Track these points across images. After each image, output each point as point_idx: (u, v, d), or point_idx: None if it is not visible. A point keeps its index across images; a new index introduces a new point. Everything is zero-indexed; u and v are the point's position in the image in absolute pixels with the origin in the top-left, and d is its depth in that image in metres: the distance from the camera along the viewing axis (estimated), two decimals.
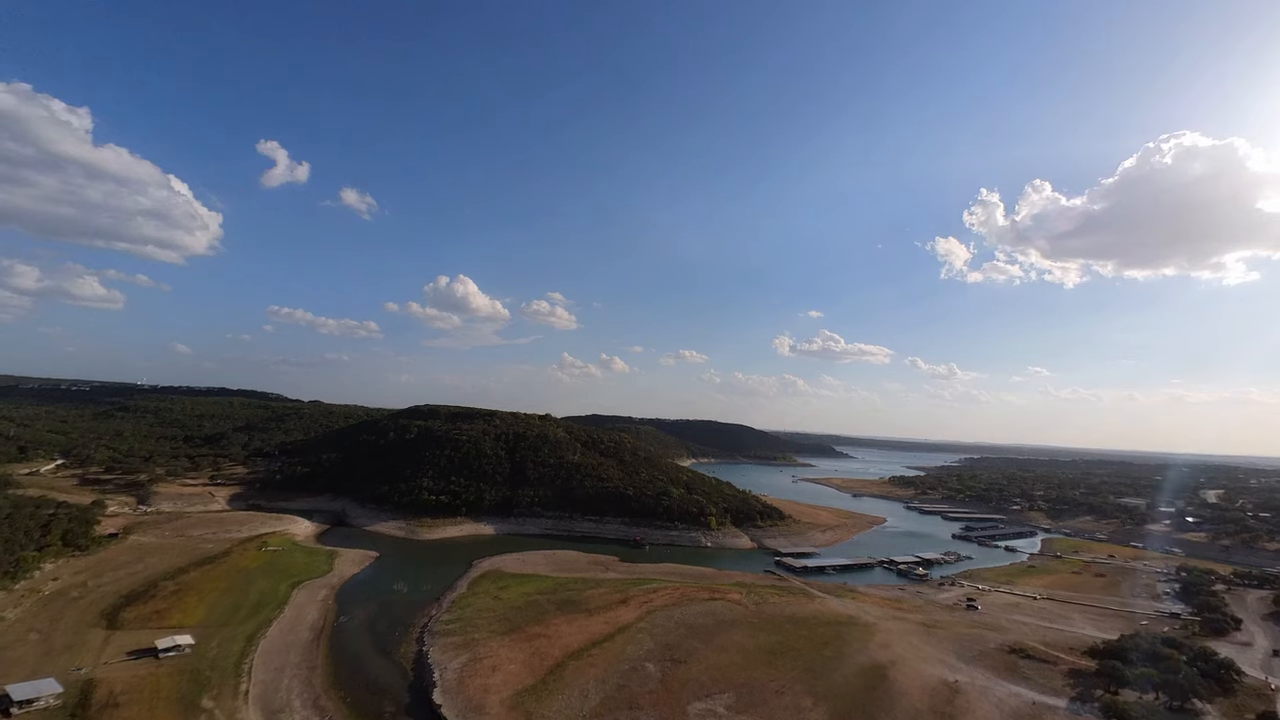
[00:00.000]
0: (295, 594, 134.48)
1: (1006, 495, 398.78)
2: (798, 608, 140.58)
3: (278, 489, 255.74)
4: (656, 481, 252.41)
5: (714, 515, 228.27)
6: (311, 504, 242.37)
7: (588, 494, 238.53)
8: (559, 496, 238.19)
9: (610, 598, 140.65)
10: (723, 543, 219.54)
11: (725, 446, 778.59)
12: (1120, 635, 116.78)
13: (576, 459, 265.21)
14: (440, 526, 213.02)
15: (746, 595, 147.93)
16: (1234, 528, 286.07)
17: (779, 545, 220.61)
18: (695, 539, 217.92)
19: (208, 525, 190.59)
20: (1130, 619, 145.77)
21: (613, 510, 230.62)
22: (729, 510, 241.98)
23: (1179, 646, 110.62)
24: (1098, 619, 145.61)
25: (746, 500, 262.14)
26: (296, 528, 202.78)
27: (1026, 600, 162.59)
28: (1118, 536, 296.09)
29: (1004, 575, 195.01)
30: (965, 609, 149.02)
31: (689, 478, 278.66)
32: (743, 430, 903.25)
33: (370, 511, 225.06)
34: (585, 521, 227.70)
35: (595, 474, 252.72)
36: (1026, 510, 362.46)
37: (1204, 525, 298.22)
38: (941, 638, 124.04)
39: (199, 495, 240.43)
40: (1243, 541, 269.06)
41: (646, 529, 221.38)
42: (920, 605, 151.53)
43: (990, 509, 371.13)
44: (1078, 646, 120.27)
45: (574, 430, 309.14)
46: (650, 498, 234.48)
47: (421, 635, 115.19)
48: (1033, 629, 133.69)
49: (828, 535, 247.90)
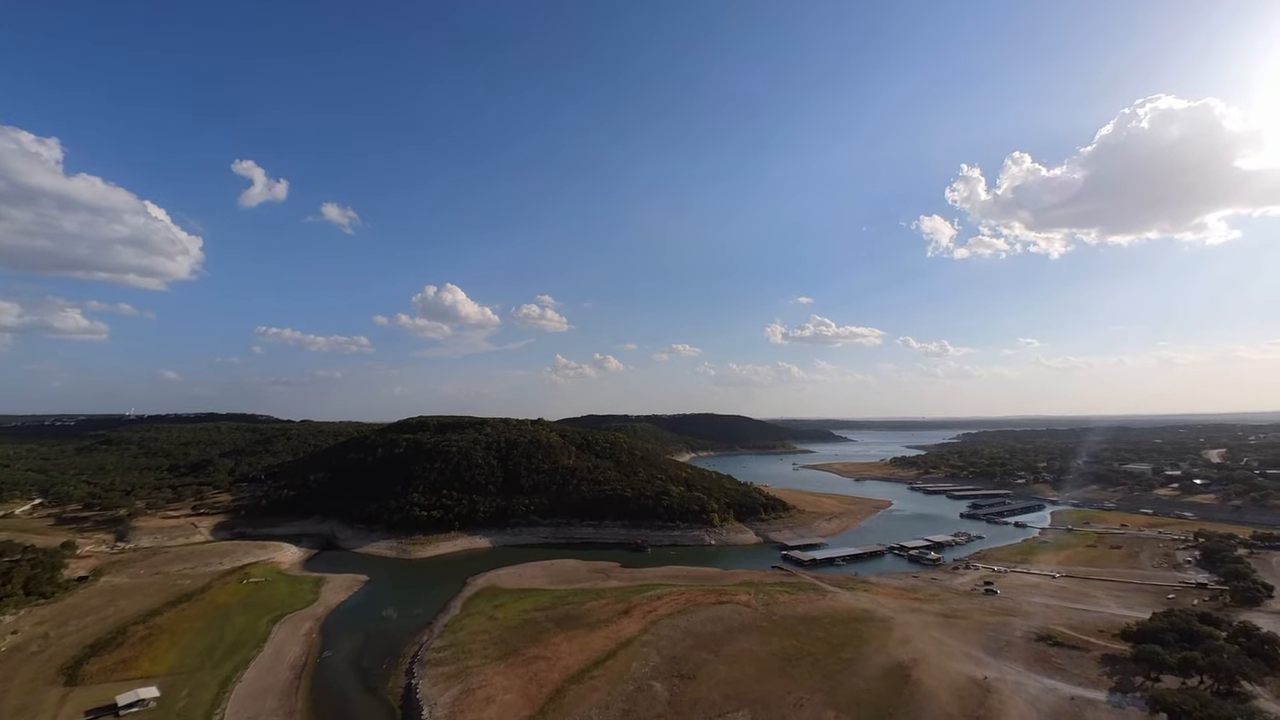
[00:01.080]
0: (276, 629, 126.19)
1: (1010, 469, 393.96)
2: (809, 606, 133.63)
3: (264, 515, 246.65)
4: (655, 481, 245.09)
5: (716, 512, 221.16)
6: (299, 528, 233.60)
7: (585, 499, 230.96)
8: (555, 503, 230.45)
9: (612, 609, 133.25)
10: (727, 539, 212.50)
11: (724, 438, 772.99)
12: (1152, 614, 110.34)
13: (571, 463, 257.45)
14: (433, 543, 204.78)
15: (755, 596, 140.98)
16: (1243, 487, 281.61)
17: (785, 538, 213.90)
18: (698, 538, 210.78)
19: (187, 559, 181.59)
20: (1156, 593, 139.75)
21: (611, 514, 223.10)
22: (731, 505, 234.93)
23: (1216, 623, 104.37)
24: (1122, 595, 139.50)
25: (749, 493, 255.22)
26: (282, 555, 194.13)
27: (1045, 579, 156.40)
28: (1126, 504, 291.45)
29: (1018, 554, 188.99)
30: (984, 594, 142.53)
31: (688, 474, 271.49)
32: (740, 421, 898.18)
33: (359, 532, 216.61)
34: (584, 527, 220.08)
35: (591, 477, 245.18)
36: (1032, 483, 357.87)
37: (1212, 486, 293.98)
38: (963, 628, 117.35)
39: (181, 527, 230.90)
40: (1253, 500, 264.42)
41: (647, 531, 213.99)
42: (936, 593, 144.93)
43: (995, 484, 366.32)
44: (1107, 629, 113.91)
45: (568, 433, 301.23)
46: (650, 498, 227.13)
47: (411, 666, 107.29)
48: (1057, 611, 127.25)
49: (834, 524, 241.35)
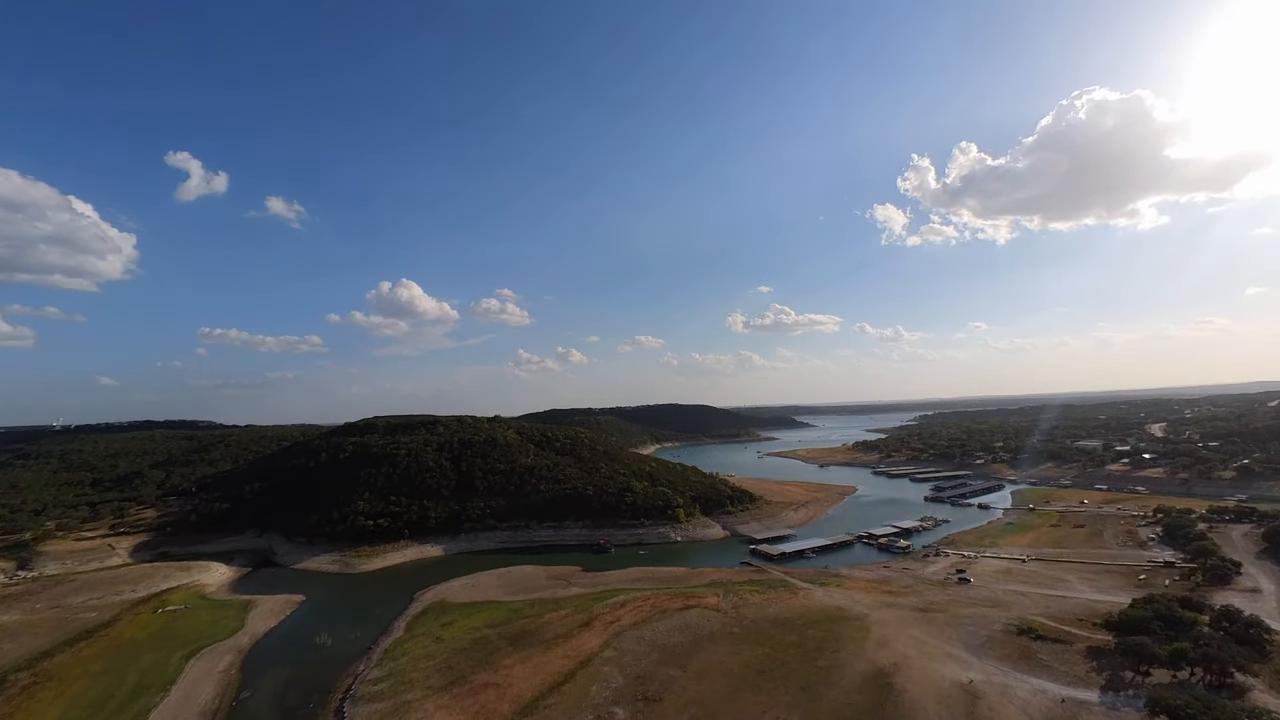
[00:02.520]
0: (189, 667, 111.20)
1: (969, 450, 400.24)
2: (781, 606, 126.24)
3: (193, 531, 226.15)
4: (618, 477, 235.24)
5: (682, 507, 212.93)
6: (232, 544, 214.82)
7: (544, 499, 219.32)
8: (513, 505, 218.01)
9: (571, 621, 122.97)
10: (693, 535, 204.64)
11: (688, 429, 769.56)
12: (1132, 601, 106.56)
13: (530, 461, 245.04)
14: (380, 554, 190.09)
15: (724, 597, 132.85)
16: (1188, 460, 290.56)
17: (753, 531, 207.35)
18: (664, 535, 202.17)
19: (95, 588, 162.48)
20: (1126, 574, 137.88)
21: (573, 514, 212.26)
22: (697, 499, 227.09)
23: (1198, 607, 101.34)
24: (1094, 578, 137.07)
25: (714, 485, 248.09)
26: (209, 576, 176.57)
27: (1015, 564, 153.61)
28: (1081, 480, 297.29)
29: (985, 537, 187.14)
30: (957, 583, 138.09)
31: (652, 468, 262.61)
32: (704, 410, 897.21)
33: (299, 546, 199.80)
34: (543, 530, 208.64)
35: (551, 476, 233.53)
36: (990, 463, 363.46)
37: (1160, 461, 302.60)
38: (941, 624, 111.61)
39: (96, 550, 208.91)
40: (1200, 474, 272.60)
41: (611, 530, 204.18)
42: (910, 584, 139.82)
43: (955, 465, 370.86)
44: (1087, 617, 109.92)
45: (526, 430, 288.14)
46: (612, 495, 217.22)
47: (342, 705, 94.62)
48: (1033, 600, 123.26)
49: (801, 513, 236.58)
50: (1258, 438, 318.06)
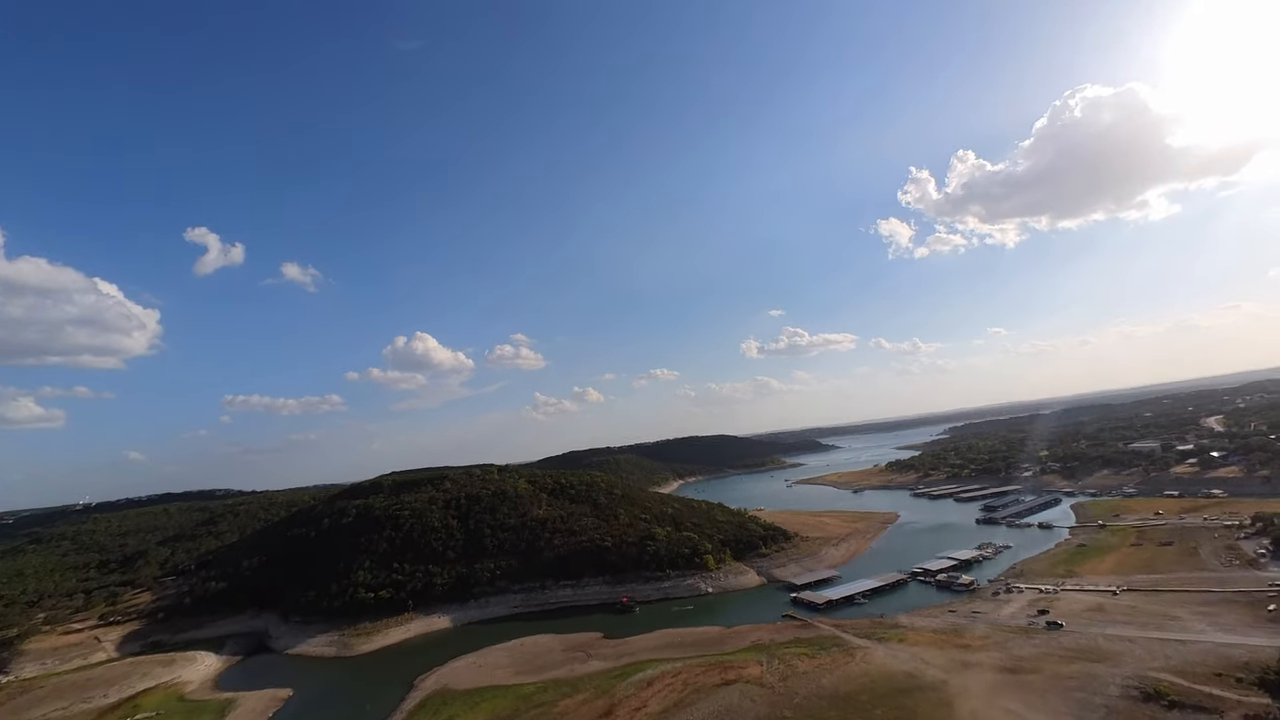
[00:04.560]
0: None
1: (1012, 462, 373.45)
2: (838, 674, 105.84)
3: (188, 615, 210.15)
4: (638, 523, 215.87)
5: (710, 553, 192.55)
6: (226, 628, 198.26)
7: (559, 555, 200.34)
8: (525, 564, 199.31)
9: (591, 709, 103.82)
10: (725, 584, 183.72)
11: (710, 461, 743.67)
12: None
13: (542, 513, 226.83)
14: (381, 631, 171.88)
15: (768, 665, 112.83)
16: (1265, 455, 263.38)
17: (791, 575, 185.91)
18: (693, 586, 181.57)
19: (64, 694, 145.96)
20: (1250, 605, 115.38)
21: (591, 569, 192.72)
22: (727, 542, 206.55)
23: None
24: (1211, 612, 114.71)
25: (744, 524, 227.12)
26: (193, 670, 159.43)
27: (1106, 598, 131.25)
28: (1146, 487, 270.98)
29: (1059, 564, 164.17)
30: (1044, 629, 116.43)
31: (675, 509, 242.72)
32: (725, 441, 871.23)
33: (295, 627, 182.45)
34: (560, 589, 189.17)
35: (566, 528, 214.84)
36: (1039, 475, 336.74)
37: (1232, 458, 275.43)
38: (1040, 690, 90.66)
39: (81, 644, 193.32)
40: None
41: (634, 584, 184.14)
42: (986, 634, 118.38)
43: (1000, 480, 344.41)
44: (1225, 670, 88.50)
45: (538, 479, 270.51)
46: (633, 545, 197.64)
47: None
48: (1145, 648, 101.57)
49: (842, 550, 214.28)
50: None
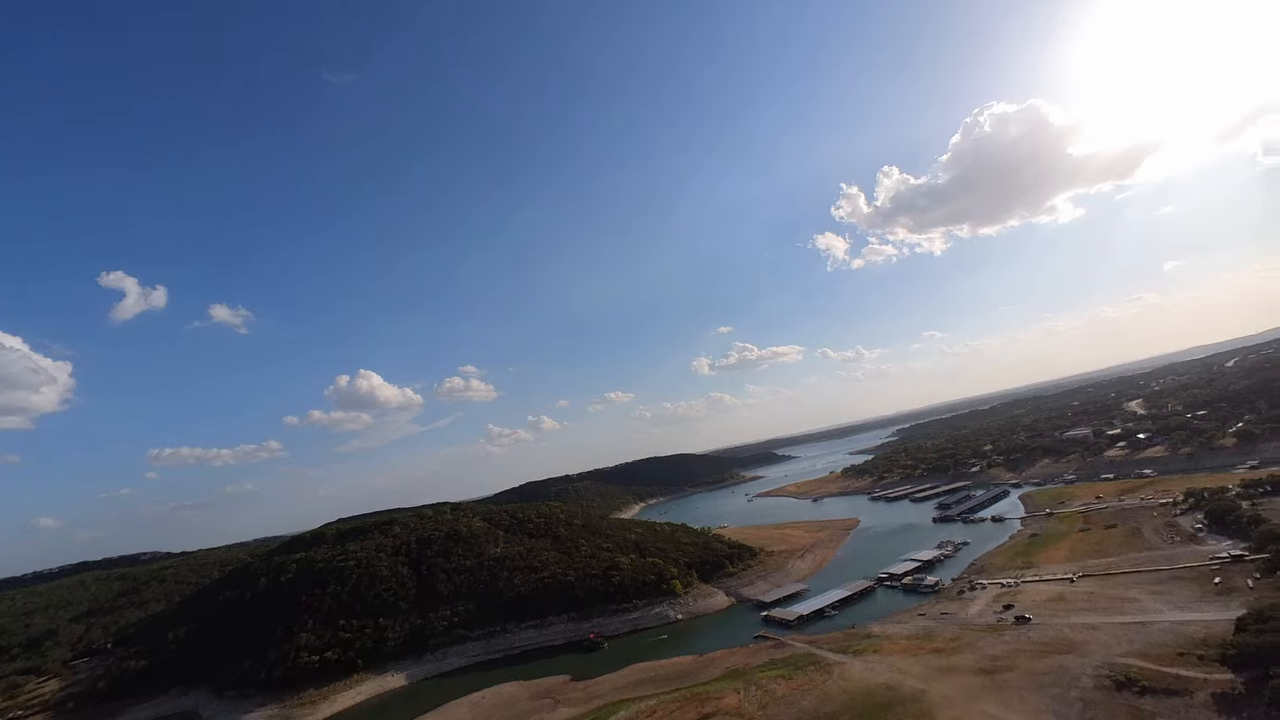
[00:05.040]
0: None
1: (960, 459, 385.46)
2: (816, 693, 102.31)
3: (102, 701, 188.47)
4: (601, 553, 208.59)
5: (677, 577, 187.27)
6: (150, 711, 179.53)
7: (520, 594, 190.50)
8: (485, 607, 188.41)
9: None
10: (695, 609, 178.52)
11: (671, 481, 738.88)
12: (1238, 622, 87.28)
13: (500, 552, 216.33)
14: (328, 697, 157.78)
15: (745, 693, 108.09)
16: (1185, 433, 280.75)
17: (760, 592, 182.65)
18: (661, 614, 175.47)
19: None
20: (1198, 579, 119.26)
21: (555, 606, 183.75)
22: (693, 564, 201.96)
23: None
24: (1164, 590, 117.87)
25: (709, 544, 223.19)
26: None
27: (1065, 586, 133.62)
28: (1085, 473, 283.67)
29: (1016, 556, 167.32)
30: (1013, 624, 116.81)
31: (639, 535, 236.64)
32: (684, 459, 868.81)
33: (230, 703, 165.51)
34: (523, 631, 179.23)
35: (526, 564, 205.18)
36: (985, 468, 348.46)
37: (1156, 439, 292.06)
38: (1018, 689, 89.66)
39: None
40: (1201, 445, 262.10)
41: (600, 619, 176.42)
42: (958, 635, 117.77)
43: (951, 477, 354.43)
44: (1188, 649, 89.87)
45: (494, 515, 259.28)
46: (597, 577, 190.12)
47: None
48: (1110, 633, 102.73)
49: (808, 561, 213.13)
50: (1240, 399, 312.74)
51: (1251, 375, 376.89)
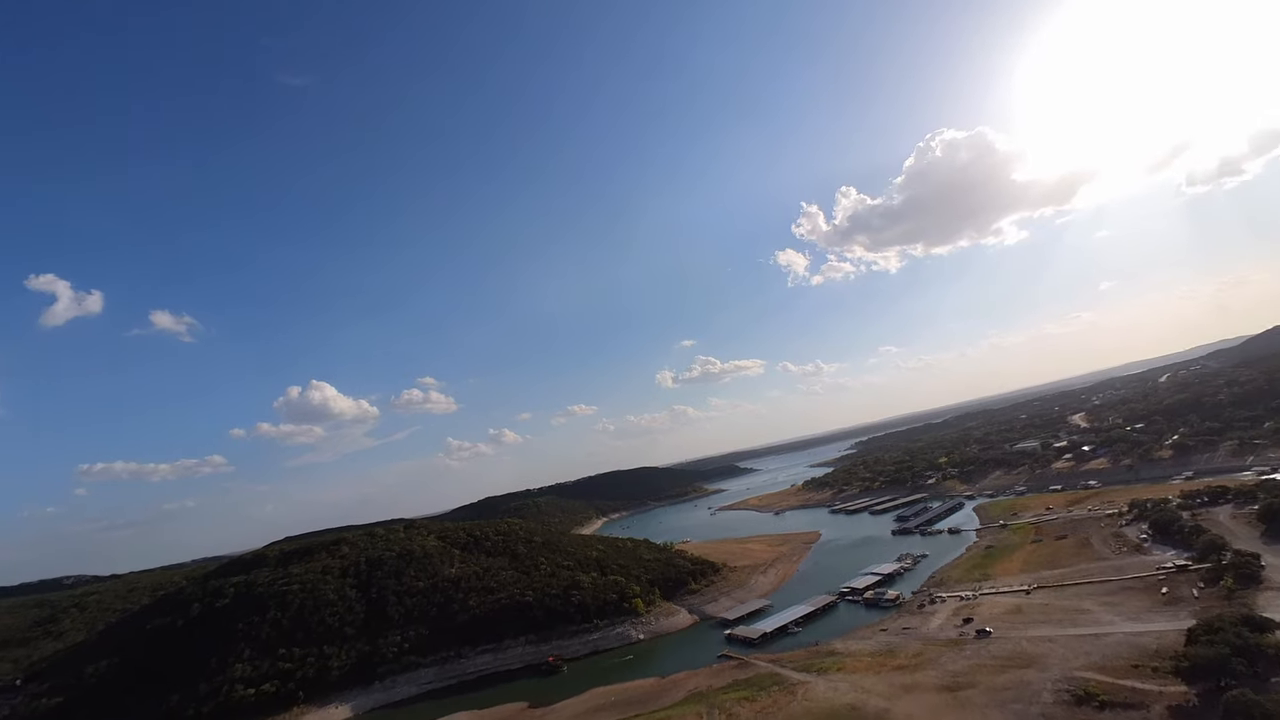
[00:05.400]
0: None
1: (917, 471, 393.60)
2: (780, 715, 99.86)
3: None
4: (561, 572, 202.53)
5: (639, 595, 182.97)
6: None
7: (475, 616, 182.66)
8: (438, 631, 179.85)
9: None
10: (657, 628, 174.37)
11: (634, 495, 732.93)
12: (1188, 633, 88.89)
13: (455, 572, 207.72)
14: None
15: (708, 716, 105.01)
16: (1126, 445, 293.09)
17: (723, 609, 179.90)
18: (623, 634, 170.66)
19: None
20: (1146, 589, 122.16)
21: (513, 628, 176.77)
22: (655, 581, 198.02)
23: (1263, 625, 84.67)
24: (1115, 601, 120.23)
25: (672, 561, 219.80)
26: None
27: (1021, 598, 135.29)
28: (1034, 484, 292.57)
29: (974, 568, 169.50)
30: (974, 638, 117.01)
31: (600, 552, 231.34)
32: (647, 473, 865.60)
33: None
34: (479, 655, 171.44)
35: (483, 585, 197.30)
36: (941, 480, 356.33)
37: (1100, 451, 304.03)
38: (981, 707, 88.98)
39: None
40: (1140, 457, 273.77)
41: (560, 640, 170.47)
42: (920, 650, 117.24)
43: (909, 490, 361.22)
44: (1142, 661, 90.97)
45: (449, 534, 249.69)
46: (557, 596, 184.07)
47: None
48: (1067, 646, 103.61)
49: (770, 576, 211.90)
50: (1173, 413, 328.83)
51: (1183, 390, 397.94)
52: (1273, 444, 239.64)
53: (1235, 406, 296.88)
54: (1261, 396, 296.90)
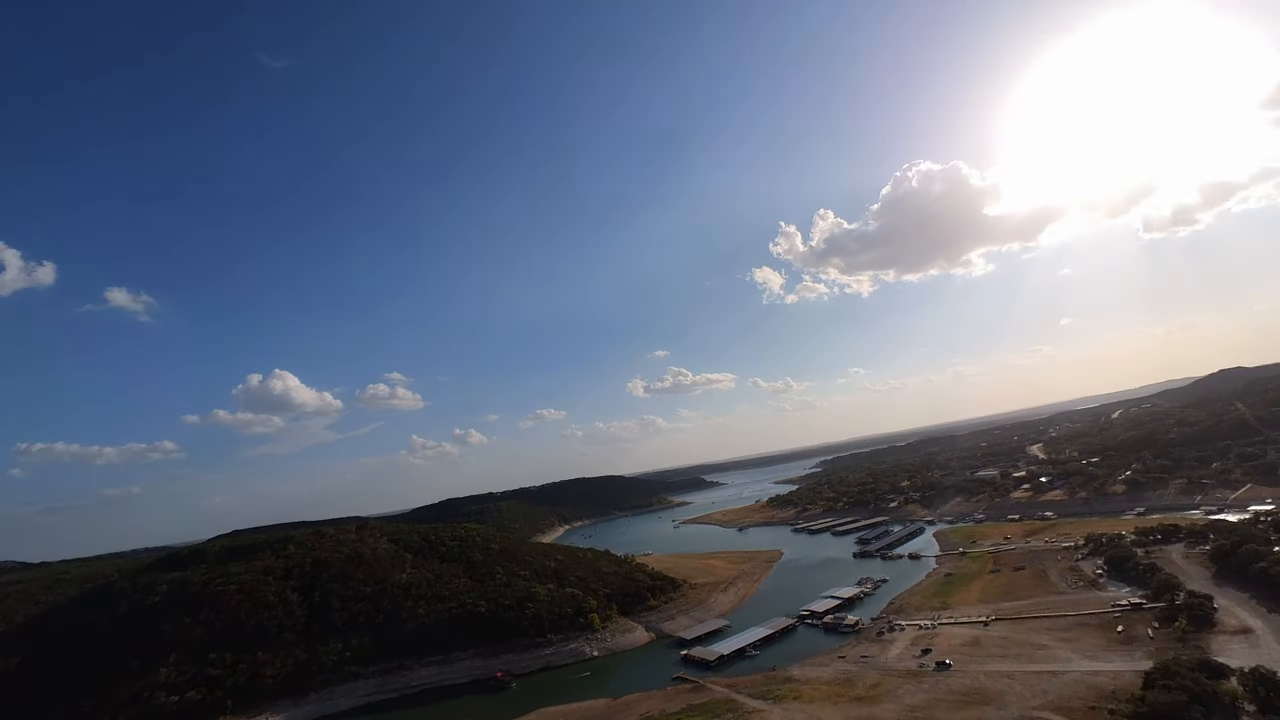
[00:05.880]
0: None
1: (880, 494, 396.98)
2: None
3: None
4: (517, 582, 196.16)
5: (595, 610, 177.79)
6: None
7: (423, 626, 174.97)
8: (383, 640, 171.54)
9: None
10: (612, 645, 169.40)
11: (599, 504, 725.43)
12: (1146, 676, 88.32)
13: (405, 578, 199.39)
14: None
15: None
16: (1081, 479, 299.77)
17: (681, 628, 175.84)
18: (577, 650, 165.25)
19: None
20: (1102, 627, 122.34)
21: (461, 640, 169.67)
22: (613, 596, 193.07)
23: (1220, 671, 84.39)
24: (1072, 637, 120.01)
25: (631, 575, 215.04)
26: None
27: (980, 630, 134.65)
28: (993, 512, 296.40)
29: (933, 596, 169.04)
30: (933, 670, 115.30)
31: (559, 562, 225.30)
32: (613, 481, 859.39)
33: None
34: (424, 667, 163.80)
35: (434, 593, 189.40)
36: (903, 504, 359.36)
37: (1057, 483, 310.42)
38: None
39: None
40: (1095, 491, 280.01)
41: (511, 655, 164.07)
42: (878, 681, 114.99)
43: (871, 512, 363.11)
44: (1099, 702, 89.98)
45: (403, 537, 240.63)
46: (510, 608, 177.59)
47: None
48: (1025, 683, 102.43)
49: (731, 595, 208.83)
50: (1127, 449, 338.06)
51: (1136, 427, 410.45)
52: (1220, 484, 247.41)
53: (1185, 446, 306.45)
54: (1209, 438, 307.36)
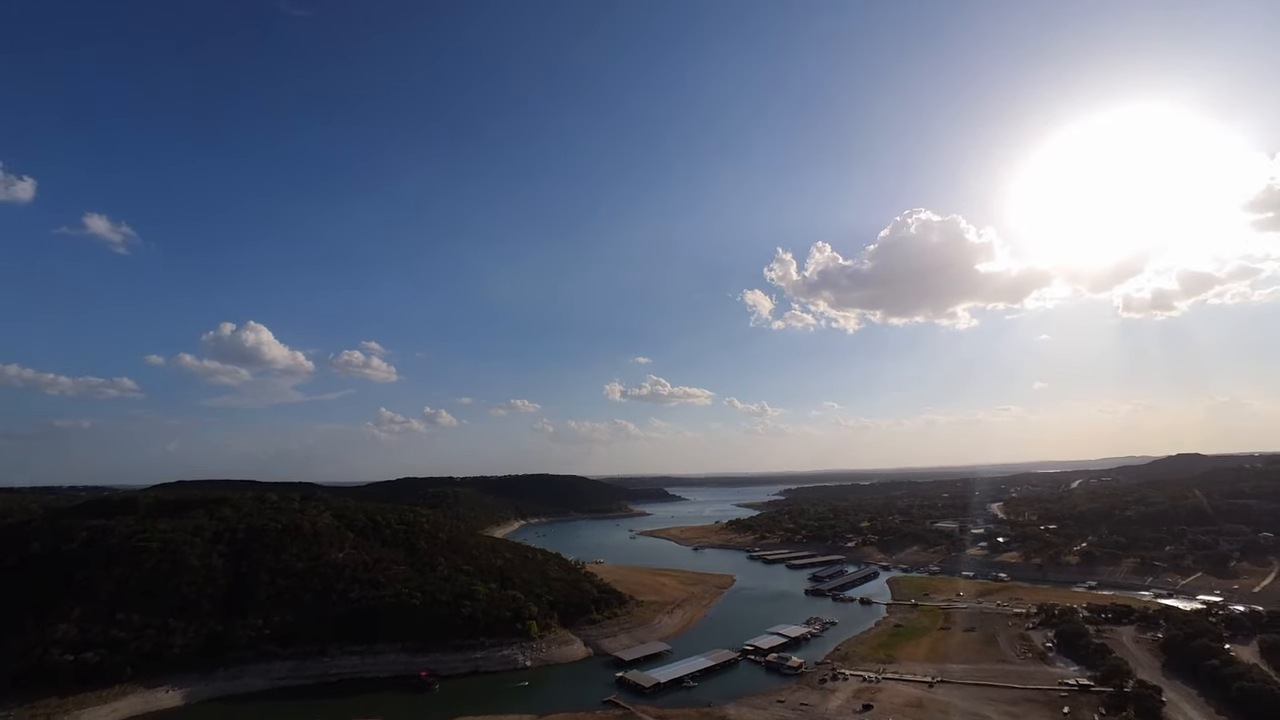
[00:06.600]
0: None
1: (838, 531, 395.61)
2: None
3: None
4: (458, 577, 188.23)
5: (535, 618, 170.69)
6: None
7: (353, 610, 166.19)
8: (307, 619, 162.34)
9: None
10: (547, 656, 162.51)
11: (558, 502, 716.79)
12: None
13: (343, 557, 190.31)
14: (70, 710, 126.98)
15: None
16: (1037, 544, 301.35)
17: (620, 647, 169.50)
18: (508, 658, 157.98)
19: None
20: (1048, 705, 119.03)
21: (390, 631, 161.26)
22: (556, 604, 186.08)
23: None
24: (1018, 714, 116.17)
25: (579, 584, 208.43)
26: None
27: (924, 690, 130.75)
28: (948, 565, 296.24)
29: (880, 647, 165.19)
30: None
31: (506, 560, 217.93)
32: (576, 481, 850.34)
33: None
34: (345, 656, 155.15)
35: (369, 577, 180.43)
36: (860, 545, 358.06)
37: (1013, 545, 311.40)
38: None
39: None
40: (1050, 558, 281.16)
41: (440, 654, 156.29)
42: None
43: (828, 548, 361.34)
44: None
45: (348, 513, 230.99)
46: (446, 604, 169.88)
47: None
48: None
49: (676, 618, 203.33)
50: (1084, 520, 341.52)
51: (1095, 500, 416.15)
52: (1172, 568, 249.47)
53: (1141, 525, 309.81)
54: (1166, 520, 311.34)
